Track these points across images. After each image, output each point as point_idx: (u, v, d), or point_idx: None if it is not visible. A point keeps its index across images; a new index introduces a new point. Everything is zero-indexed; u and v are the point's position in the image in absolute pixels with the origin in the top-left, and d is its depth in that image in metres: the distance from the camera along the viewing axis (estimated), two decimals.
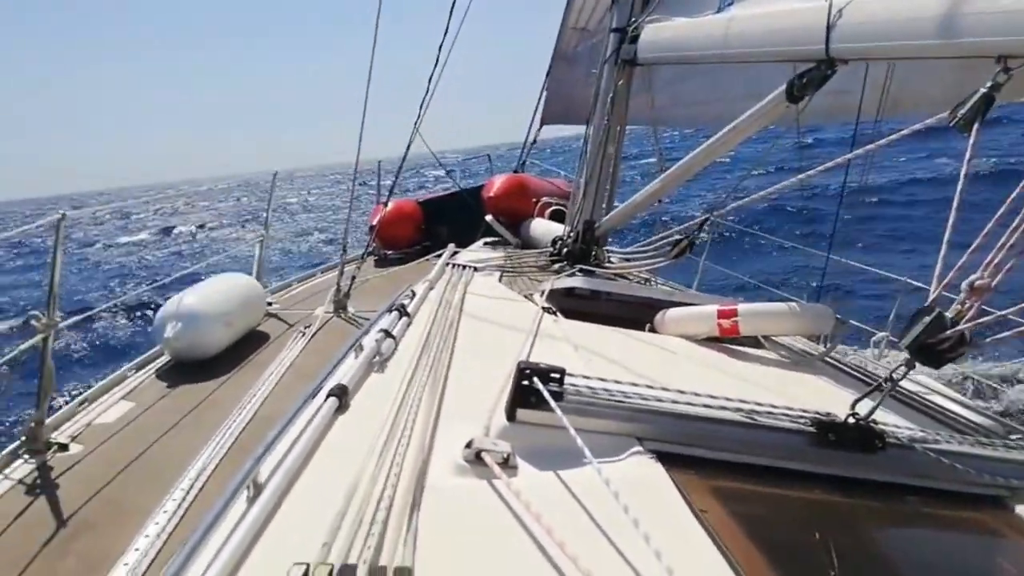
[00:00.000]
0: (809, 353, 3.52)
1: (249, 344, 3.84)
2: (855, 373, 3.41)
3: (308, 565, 1.25)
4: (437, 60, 4.47)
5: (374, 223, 6.22)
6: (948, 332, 1.91)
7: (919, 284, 5.00)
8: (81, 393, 3.18)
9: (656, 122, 6.26)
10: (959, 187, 2.12)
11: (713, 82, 5.33)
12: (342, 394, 2.10)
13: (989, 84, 2.15)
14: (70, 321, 3.00)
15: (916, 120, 2.78)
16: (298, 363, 3.45)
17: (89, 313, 3.68)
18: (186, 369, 3.47)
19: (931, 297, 2.00)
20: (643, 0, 4.68)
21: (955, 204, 2.13)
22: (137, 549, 1.96)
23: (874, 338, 5.00)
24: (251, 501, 1.52)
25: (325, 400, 2.05)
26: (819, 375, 3.10)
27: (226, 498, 1.48)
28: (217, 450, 2.52)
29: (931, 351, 1.95)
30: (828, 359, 3.42)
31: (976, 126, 2.18)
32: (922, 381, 3.29)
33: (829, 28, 2.80)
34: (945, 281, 1.98)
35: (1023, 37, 2.08)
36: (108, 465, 2.49)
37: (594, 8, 6.69)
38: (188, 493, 2.25)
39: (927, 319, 1.94)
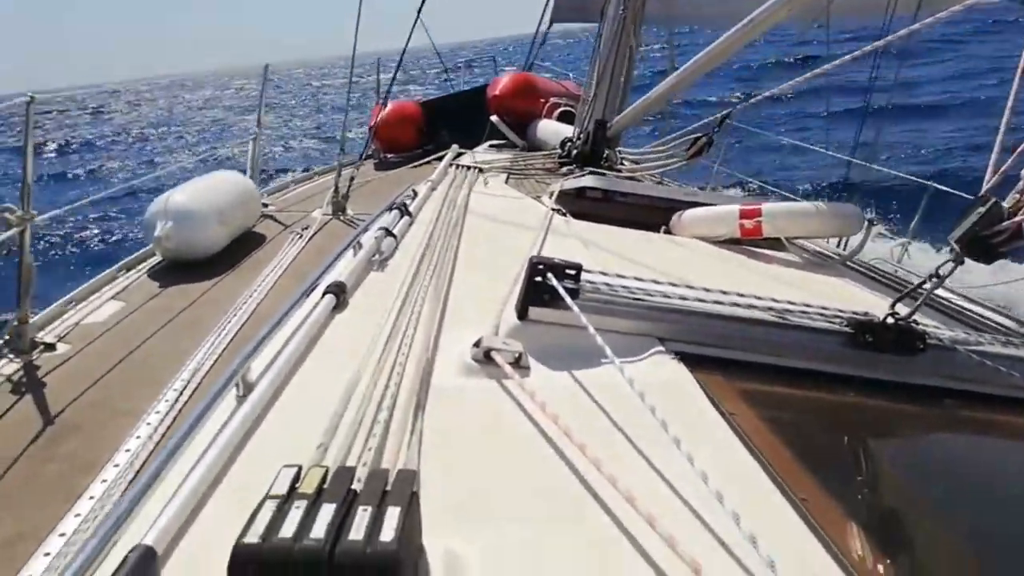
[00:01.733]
0: (834, 256, 3.37)
1: (244, 245, 3.68)
2: (882, 277, 3.27)
3: (300, 467, 1.13)
4: None
5: (373, 124, 5.96)
6: (1004, 224, 1.74)
7: (945, 188, 4.78)
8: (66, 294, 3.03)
9: (672, 21, 5.91)
10: (1019, 69, 1.90)
11: None
12: (340, 291, 1.97)
13: None
14: (48, 215, 2.82)
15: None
16: (296, 264, 3.31)
17: (70, 207, 3.47)
18: (178, 269, 3.33)
19: (985, 186, 1.81)
20: None
21: (1014, 88, 1.92)
22: (128, 450, 1.86)
23: (894, 243, 4.83)
24: (240, 400, 1.41)
25: (322, 297, 1.93)
26: (846, 278, 2.96)
27: (212, 396, 1.36)
28: (212, 350, 2.41)
29: (983, 244, 1.78)
30: (853, 262, 3.27)
31: None
32: (950, 287, 3.15)
33: None
34: (1002, 168, 1.79)
35: None
36: (97, 365, 2.37)
37: None
38: (181, 394, 2.14)
39: (981, 210, 1.76)
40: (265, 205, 4.42)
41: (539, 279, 1.71)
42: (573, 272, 1.73)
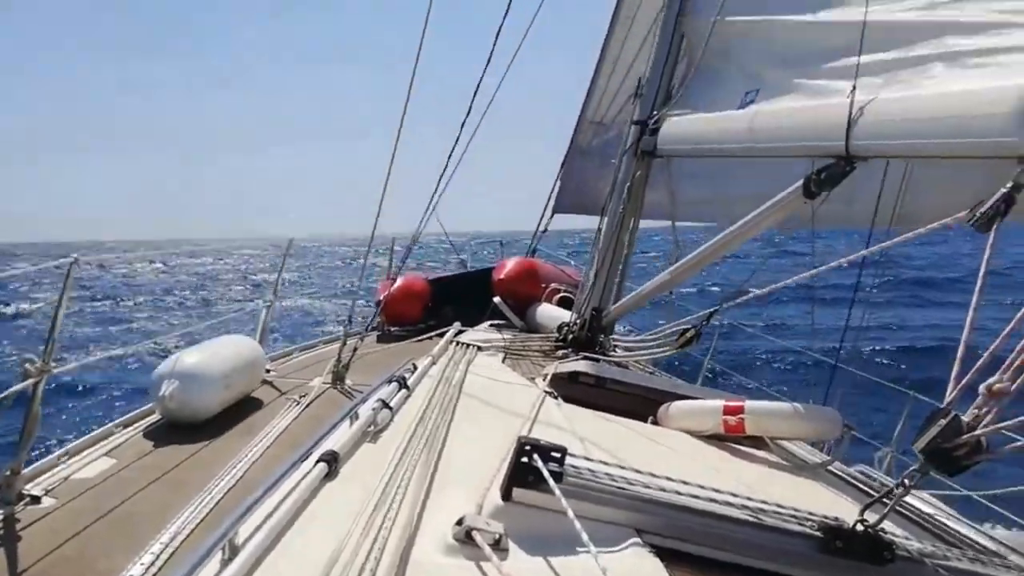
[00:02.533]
0: (814, 459, 3.41)
1: (242, 409, 3.74)
2: (860, 484, 3.29)
3: None
4: (457, 139, 4.54)
5: (381, 298, 6.20)
6: (964, 437, 1.83)
7: (926, 399, 4.87)
8: (62, 444, 3.06)
9: (671, 217, 6.32)
10: (978, 285, 2.08)
11: (729, 181, 5.40)
12: (332, 460, 2.04)
13: (1010, 184, 2.16)
14: (66, 368, 2.93)
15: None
16: (290, 431, 3.36)
17: (86, 361, 3.60)
18: (174, 429, 3.37)
19: (947, 399, 1.93)
20: (665, 94, 4.79)
21: (973, 303, 2.08)
22: None
23: (879, 452, 4.85)
24: (225, 563, 1.44)
25: (314, 465, 1.99)
26: (824, 482, 3.00)
27: (198, 558, 1.40)
28: (196, 512, 2.42)
29: (946, 457, 1.86)
30: (833, 467, 3.31)
31: (996, 226, 2.17)
32: (925, 497, 3.17)
33: (850, 124, 2.84)
34: (963, 383, 1.91)
35: None
36: (78, 521, 2.37)
37: (611, 102, 6.87)
38: (159, 556, 2.13)
39: (943, 422, 1.86)
40: (268, 371, 4.52)
41: (525, 460, 1.77)
42: (558, 455, 1.80)
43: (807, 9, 3.65)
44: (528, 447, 1.78)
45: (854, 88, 2.90)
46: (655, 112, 4.75)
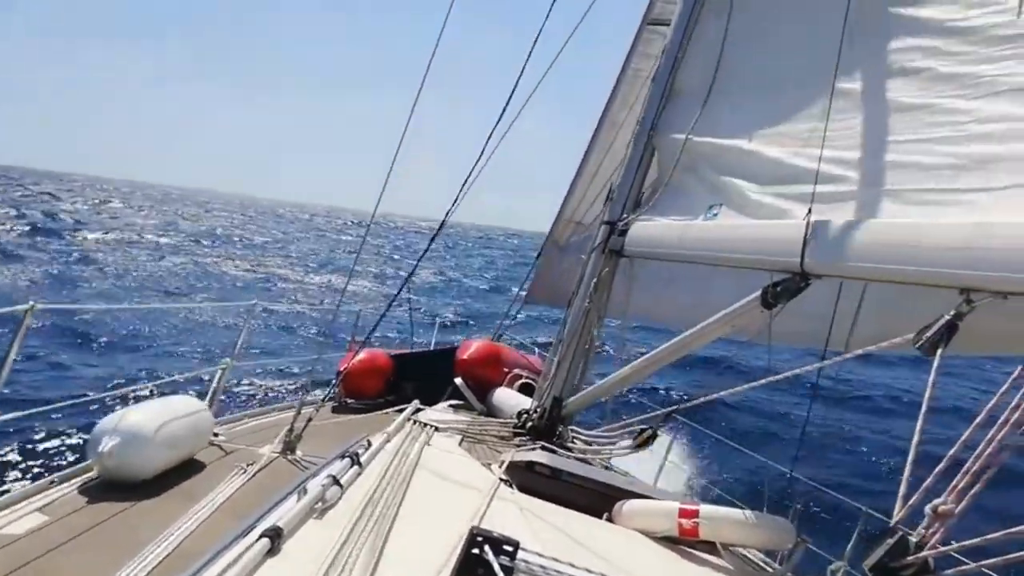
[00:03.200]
0: (766, 568, 3.39)
1: (185, 473, 3.62)
2: None
3: None
4: (462, 188, 4.67)
5: (342, 369, 6.13)
6: (911, 558, 1.86)
7: (879, 515, 4.91)
8: None
9: (635, 316, 6.44)
10: (923, 408, 2.16)
11: (693, 289, 5.55)
12: (276, 536, 1.98)
13: (952, 312, 2.28)
14: (6, 417, 2.83)
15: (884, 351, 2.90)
16: (234, 500, 3.25)
17: (30, 411, 3.46)
18: (112, 488, 3.24)
19: (895, 519, 1.96)
20: (635, 200, 4.99)
21: (919, 425, 2.15)
22: None
23: (831, 566, 4.83)
24: None
25: (257, 540, 1.93)
26: None
27: None
28: None
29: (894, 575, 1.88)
30: None
31: (940, 351, 2.27)
32: None
33: (805, 243, 2.99)
34: (910, 503, 1.96)
35: (983, 272, 2.24)
36: None
37: (591, 204, 7.10)
38: None
39: (890, 541, 1.89)
40: (216, 434, 4.40)
41: (476, 551, 1.75)
42: (510, 549, 1.77)
43: (768, 138, 3.90)
44: (480, 538, 1.76)
45: (810, 211, 3.08)
46: (624, 215, 4.92)
